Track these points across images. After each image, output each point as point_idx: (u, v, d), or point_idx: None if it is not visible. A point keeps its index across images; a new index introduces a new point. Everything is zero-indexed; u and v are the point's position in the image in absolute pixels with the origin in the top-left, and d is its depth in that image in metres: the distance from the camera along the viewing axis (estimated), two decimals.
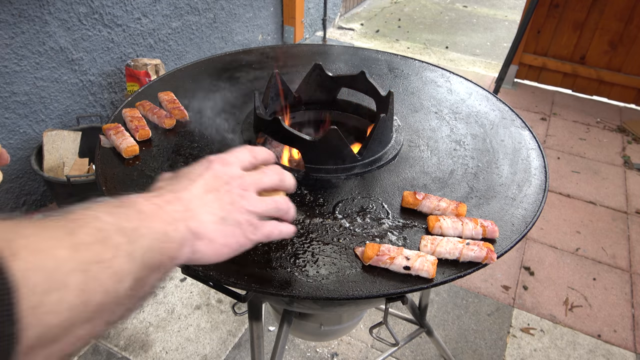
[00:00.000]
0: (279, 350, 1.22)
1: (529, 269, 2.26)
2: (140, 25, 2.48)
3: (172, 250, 0.49)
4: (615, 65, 3.58)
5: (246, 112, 1.17)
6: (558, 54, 3.73)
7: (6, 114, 2.00)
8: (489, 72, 4.24)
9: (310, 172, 0.97)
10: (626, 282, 2.21)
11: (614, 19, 3.41)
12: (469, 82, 1.39)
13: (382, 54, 1.53)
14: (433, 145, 1.09)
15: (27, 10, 1.93)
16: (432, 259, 0.73)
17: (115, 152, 1.00)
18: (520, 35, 3.16)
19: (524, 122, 1.19)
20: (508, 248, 0.81)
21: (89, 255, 0.40)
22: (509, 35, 4.88)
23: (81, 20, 2.16)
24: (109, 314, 0.42)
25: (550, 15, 3.59)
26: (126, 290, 0.43)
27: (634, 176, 2.94)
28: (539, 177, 1.00)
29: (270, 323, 1.94)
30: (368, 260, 0.74)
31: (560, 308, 2.07)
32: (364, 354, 1.83)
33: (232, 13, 3.21)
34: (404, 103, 1.27)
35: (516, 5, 5.93)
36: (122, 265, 0.43)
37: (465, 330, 1.95)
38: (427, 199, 0.86)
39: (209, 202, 0.55)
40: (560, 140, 3.27)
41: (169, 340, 1.85)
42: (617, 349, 1.91)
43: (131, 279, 0.44)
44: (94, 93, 2.36)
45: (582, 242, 2.43)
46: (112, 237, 0.43)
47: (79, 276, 0.39)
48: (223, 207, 0.56)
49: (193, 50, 2.96)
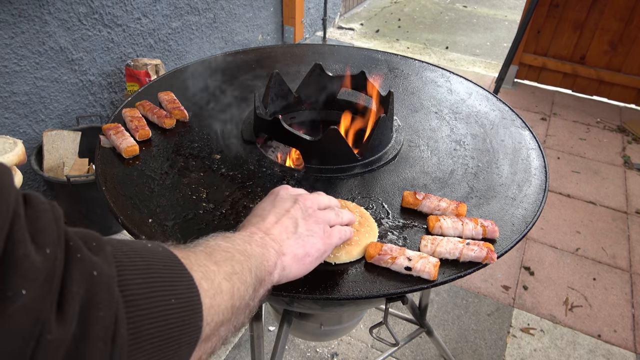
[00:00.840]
0: (279, 350, 1.22)
1: (529, 269, 2.25)
2: (140, 25, 2.48)
3: (270, 267, 0.59)
4: (615, 65, 3.58)
5: (246, 112, 1.17)
6: (558, 54, 3.73)
7: (6, 114, 2.00)
8: (489, 72, 4.24)
9: (310, 172, 0.97)
10: (626, 282, 2.21)
11: (614, 19, 3.41)
12: (469, 82, 1.39)
13: (382, 54, 1.53)
14: (433, 145, 1.09)
15: (27, 10, 1.92)
16: (434, 261, 0.73)
17: (115, 152, 1.00)
18: (520, 35, 3.16)
19: (524, 122, 1.19)
20: (508, 248, 0.81)
21: (228, 268, 0.50)
22: (509, 35, 4.88)
23: (81, 20, 2.16)
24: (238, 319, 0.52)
25: (550, 15, 3.59)
26: (250, 299, 0.53)
27: (634, 176, 2.94)
28: (539, 177, 1.00)
29: (270, 323, 1.94)
30: (370, 259, 0.75)
31: (560, 308, 2.07)
32: (364, 354, 1.83)
33: (232, 13, 3.21)
34: (404, 103, 1.26)
35: (516, 5, 5.93)
36: (247, 277, 0.53)
37: (465, 330, 1.95)
38: (427, 199, 0.86)
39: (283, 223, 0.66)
40: (560, 140, 3.27)
41: None
42: (617, 349, 1.91)
43: (252, 289, 0.53)
44: (94, 93, 2.36)
45: (582, 242, 2.43)
46: (236, 255, 0.53)
47: (227, 284, 0.49)
48: (297, 223, 0.66)
49: (193, 50, 2.96)
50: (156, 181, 0.93)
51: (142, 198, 0.88)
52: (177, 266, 0.44)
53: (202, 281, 0.45)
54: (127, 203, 0.86)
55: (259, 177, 0.95)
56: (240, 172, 0.96)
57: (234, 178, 0.95)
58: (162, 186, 0.92)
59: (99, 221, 2.17)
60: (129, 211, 0.84)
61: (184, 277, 0.43)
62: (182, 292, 0.42)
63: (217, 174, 0.96)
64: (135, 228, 0.81)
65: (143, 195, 0.89)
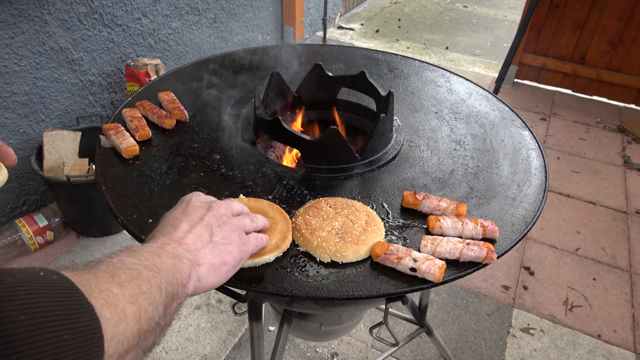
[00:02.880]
0: (279, 350, 1.22)
1: (529, 269, 2.25)
2: (140, 25, 2.48)
3: (183, 280, 0.55)
4: (615, 65, 3.58)
5: (246, 112, 1.17)
6: (558, 54, 3.73)
7: (6, 114, 2.00)
8: (489, 72, 4.24)
9: (311, 172, 0.97)
10: (626, 282, 2.21)
11: (614, 19, 3.41)
12: (469, 82, 1.39)
13: (382, 54, 1.53)
14: (433, 145, 1.09)
15: (27, 10, 1.92)
16: (440, 263, 0.73)
17: (115, 152, 1.00)
18: (520, 35, 3.16)
19: (524, 122, 1.19)
20: (508, 248, 0.81)
21: (133, 289, 0.46)
22: (509, 35, 4.88)
23: (81, 20, 2.16)
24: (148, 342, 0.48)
25: (550, 15, 3.59)
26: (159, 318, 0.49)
27: (634, 176, 2.94)
28: (539, 177, 1.00)
29: (270, 323, 1.94)
30: (376, 258, 0.75)
31: (560, 308, 2.07)
32: (364, 354, 1.83)
33: (232, 13, 3.21)
34: (404, 103, 1.26)
35: (516, 5, 5.93)
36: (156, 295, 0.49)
37: (465, 330, 1.95)
38: (427, 199, 0.86)
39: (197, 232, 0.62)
40: (560, 140, 3.27)
41: (169, 340, 1.85)
42: (617, 349, 1.91)
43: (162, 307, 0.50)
44: (94, 93, 2.36)
45: (582, 242, 2.43)
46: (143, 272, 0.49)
47: (133, 307, 0.45)
48: (212, 231, 0.63)
49: (193, 50, 2.96)
50: (156, 181, 0.93)
51: (142, 198, 0.88)
52: (73, 296, 0.39)
53: (103, 309, 0.41)
54: (127, 203, 0.86)
55: (259, 177, 0.95)
56: (240, 172, 0.96)
57: (234, 178, 0.95)
58: (162, 186, 0.92)
59: (99, 221, 2.17)
60: (129, 211, 0.84)
61: (81, 307, 0.39)
62: (80, 326, 0.38)
63: (217, 174, 0.96)
64: (135, 228, 0.81)
65: (143, 195, 0.89)
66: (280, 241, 0.77)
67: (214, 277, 0.61)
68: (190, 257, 0.58)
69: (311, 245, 0.77)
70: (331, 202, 0.85)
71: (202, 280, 0.59)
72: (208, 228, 0.63)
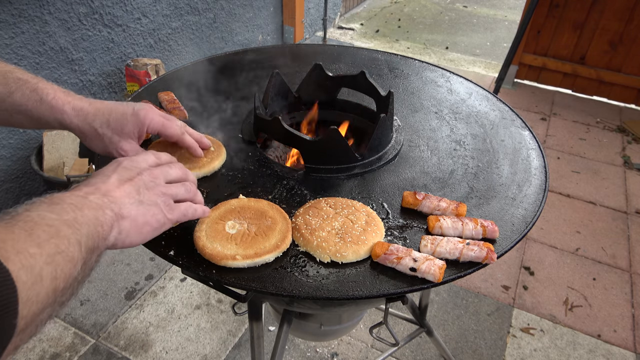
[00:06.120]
0: (279, 350, 1.22)
1: (529, 269, 2.26)
2: (140, 25, 2.48)
3: (104, 232, 0.56)
4: (615, 65, 3.58)
5: (246, 112, 1.17)
6: (558, 54, 3.73)
7: None
8: (489, 72, 4.24)
9: (311, 172, 0.97)
10: (626, 282, 2.21)
11: (614, 19, 3.41)
12: (469, 82, 1.39)
13: (382, 54, 1.53)
14: (433, 145, 1.09)
15: (27, 10, 1.92)
16: (440, 264, 0.73)
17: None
18: (520, 35, 3.16)
19: (524, 122, 1.19)
20: (508, 248, 0.81)
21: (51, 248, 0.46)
22: (509, 35, 4.88)
23: (81, 20, 2.16)
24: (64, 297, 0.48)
25: (550, 15, 3.59)
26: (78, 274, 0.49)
27: (634, 176, 2.94)
28: (539, 177, 1.00)
29: (270, 323, 1.94)
30: (376, 258, 0.75)
31: (560, 308, 2.07)
32: (364, 354, 1.83)
33: (232, 13, 3.21)
34: (404, 103, 1.26)
35: (516, 5, 5.93)
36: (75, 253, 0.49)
37: (465, 330, 1.95)
38: (427, 199, 0.86)
39: (126, 189, 0.62)
40: (560, 140, 3.28)
41: (169, 340, 1.85)
42: (617, 349, 1.91)
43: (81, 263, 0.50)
44: (94, 93, 2.36)
45: (582, 242, 2.43)
46: (62, 229, 0.49)
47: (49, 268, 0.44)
48: (139, 191, 0.64)
49: (193, 50, 2.96)
50: None
51: None
52: None
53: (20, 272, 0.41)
54: None
55: (259, 177, 0.95)
56: (240, 172, 0.96)
57: (234, 178, 0.95)
58: None
59: None
60: None
61: None
62: None
63: (216, 174, 0.96)
64: None
65: None
66: (280, 241, 0.77)
67: (135, 235, 0.61)
68: (115, 208, 0.58)
69: (311, 245, 0.77)
70: (331, 202, 0.85)
71: (123, 234, 0.59)
72: (136, 188, 0.64)
